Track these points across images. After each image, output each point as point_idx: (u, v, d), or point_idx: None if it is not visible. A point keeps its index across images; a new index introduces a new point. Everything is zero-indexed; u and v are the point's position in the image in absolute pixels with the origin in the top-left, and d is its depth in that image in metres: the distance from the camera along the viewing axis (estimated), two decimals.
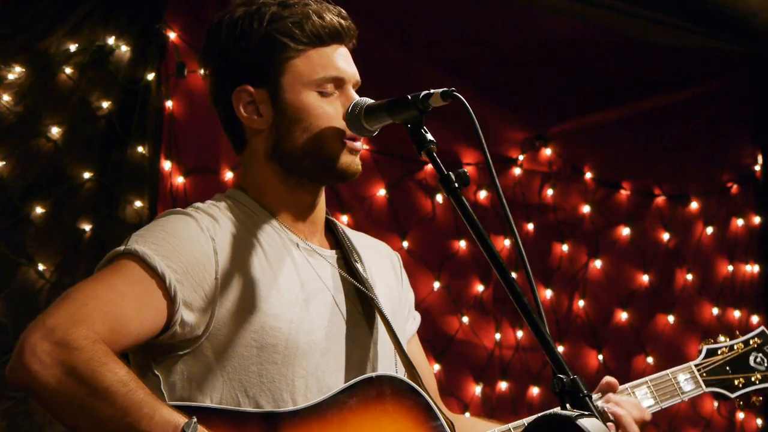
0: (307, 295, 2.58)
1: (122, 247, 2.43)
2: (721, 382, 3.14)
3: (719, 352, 3.18)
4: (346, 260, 2.75)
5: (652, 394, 3.01)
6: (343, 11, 2.73)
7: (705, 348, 3.19)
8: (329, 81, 2.63)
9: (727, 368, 3.16)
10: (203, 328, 2.45)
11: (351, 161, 2.64)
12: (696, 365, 3.12)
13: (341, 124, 2.61)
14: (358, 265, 2.76)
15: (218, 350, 2.46)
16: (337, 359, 2.59)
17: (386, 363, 2.72)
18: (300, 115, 2.62)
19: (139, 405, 2.20)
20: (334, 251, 2.76)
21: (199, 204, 2.63)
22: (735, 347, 3.21)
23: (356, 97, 2.64)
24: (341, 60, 2.67)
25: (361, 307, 2.71)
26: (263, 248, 2.58)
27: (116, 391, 2.19)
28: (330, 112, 2.62)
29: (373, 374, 2.60)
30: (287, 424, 2.41)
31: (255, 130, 2.67)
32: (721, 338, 3.25)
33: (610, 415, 2.79)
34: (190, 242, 2.47)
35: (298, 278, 2.60)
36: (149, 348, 2.45)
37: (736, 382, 3.16)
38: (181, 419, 2.22)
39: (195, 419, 2.22)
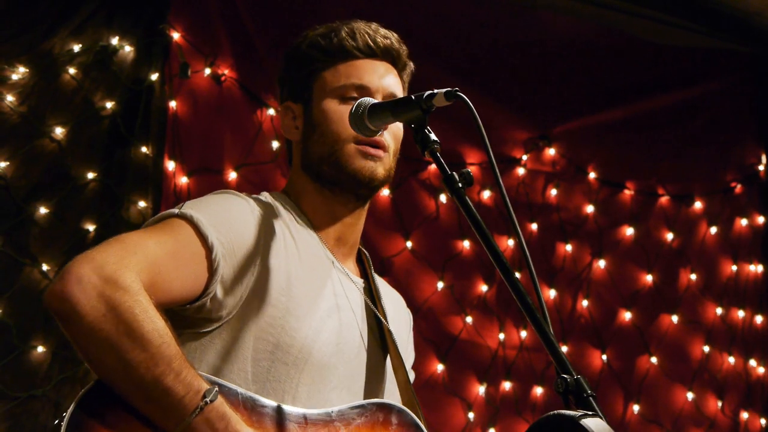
0: (332, 309, 2.62)
1: (176, 210, 2.46)
2: None
3: None
4: (371, 293, 2.80)
5: None
6: (390, 34, 2.81)
7: None
8: (351, 89, 2.69)
9: None
10: (228, 310, 2.48)
11: (363, 165, 2.66)
12: None
13: (355, 134, 2.64)
14: (381, 302, 2.81)
15: (235, 337, 2.48)
16: (342, 379, 2.62)
17: (390, 396, 2.76)
18: (318, 120, 2.71)
19: (169, 359, 2.21)
20: (362, 280, 2.82)
21: (248, 193, 2.68)
22: None
23: None
24: (369, 72, 2.73)
25: (379, 337, 2.76)
26: (299, 251, 2.62)
27: (152, 339, 2.20)
28: (345, 119, 2.64)
29: (384, 400, 2.62)
30: (295, 423, 2.42)
31: (294, 142, 2.79)
32: None
33: None
34: (241, 222, 2.52)
35: (327, 291, 2.64)
36: (171, 318, 2.43)
37: None
38: (204, 385, 2.24)
39: (217, 388, 2.24)
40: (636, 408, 6.33)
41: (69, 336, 2.25)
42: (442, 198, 5.88)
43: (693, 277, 6.72)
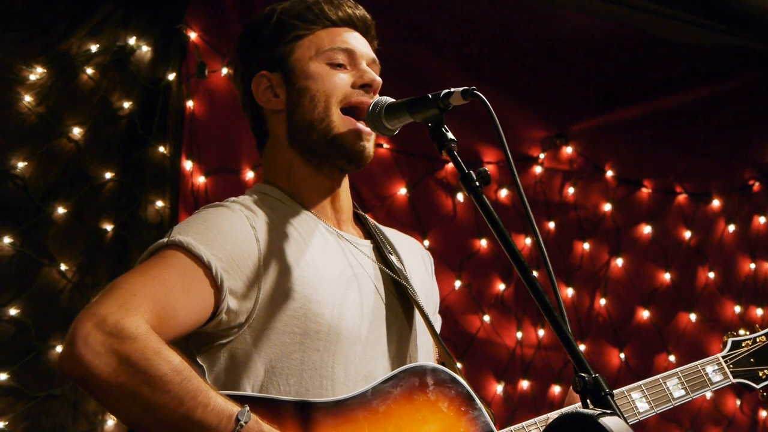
0: (348, 281, 2.61)
1: (166, 239, 2.44)
2: (746, 374, 3.17)
3: (743, 345, 3.21)
4: (380, 251, 2.77)
5: (682, 384, 3.01)
6: (360, 6, 2.80)
7: (730, 341, 3.22)
8: (339, 52, 2.68)
9: (752, 360, 3.20)
10: (246, 316, 2.46)
11: (355, 144, 2.65)
12: (723, 357, 3.14)
13: (347, 92, 2.65)
14: (392, 257, 2.78)
15: (261, 337, 2.47)
16: (376, 347, 2.61)
17: (424, 352, 2.75)
18: (306, 83, 2.67)
19: (193, 394, 2.21)
20: (368, 241, 2.79)
21: (234, 197, 2.66)
22: (757, 340, 3.24)
23: (371, 73, 2.69)
24: (352, 38, 2.73)
25: (398, 296, 2.73)
26: (301, 236, 2.60)
27: (171, 380, 2.19)
28: (337, 80, 2.66)
29: (416, 364, 2.60)
30: (332, 413, 2.41)
31: (273, 112, 2.73)
32: (742, 332, 3.27)
33: None
34: (232, 231, 2.49)
35: (338, 264, 2.62)
36: (192, 338, 2.46)
37: (760, 374, 3.19)
38: (235, 408, 2.23)
39: (247, 407, 2.24)
40: None
41: (92, 396, 2.26)
42: (459, 197, 5.87)
43: (711, 275, 6.71)
